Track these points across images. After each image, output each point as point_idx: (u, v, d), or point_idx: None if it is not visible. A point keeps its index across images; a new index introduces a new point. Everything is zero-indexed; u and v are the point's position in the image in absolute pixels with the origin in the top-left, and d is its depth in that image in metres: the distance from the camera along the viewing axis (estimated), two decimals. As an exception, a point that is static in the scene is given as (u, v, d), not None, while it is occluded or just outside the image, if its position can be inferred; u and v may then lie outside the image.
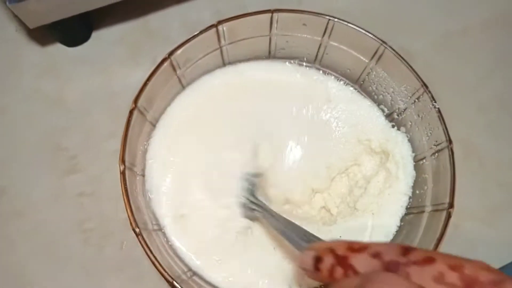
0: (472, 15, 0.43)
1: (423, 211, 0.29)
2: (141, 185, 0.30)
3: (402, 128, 0.33)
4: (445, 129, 0.29)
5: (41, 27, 0.38)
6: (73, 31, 0.39)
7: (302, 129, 0.33)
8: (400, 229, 0.30)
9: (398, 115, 0.33)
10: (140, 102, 0.29)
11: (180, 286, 0.24)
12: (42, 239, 0.34)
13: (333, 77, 0.35)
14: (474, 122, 0.39)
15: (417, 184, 0.31)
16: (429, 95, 0.29)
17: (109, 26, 0.41)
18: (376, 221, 0.30)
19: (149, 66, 0.29)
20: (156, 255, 0.25)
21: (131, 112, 0.28)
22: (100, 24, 0.41)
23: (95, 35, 0.40)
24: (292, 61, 0.35)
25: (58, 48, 0.40)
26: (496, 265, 0.35)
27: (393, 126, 0.33)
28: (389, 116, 0.34)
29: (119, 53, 0.40)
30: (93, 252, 0.34)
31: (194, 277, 0.28)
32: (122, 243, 0.34)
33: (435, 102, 0.29)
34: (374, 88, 0.34)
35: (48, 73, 0.39)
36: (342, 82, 0.35)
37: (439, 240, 0.25)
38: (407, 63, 0.30)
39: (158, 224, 0.30)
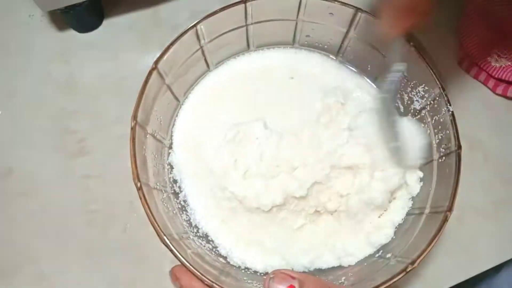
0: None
1: (422, 213, 0.29)
2: (154, 147, 0.31)
3: None
4: (455, 134, 0.28)
5: (53, 13, 0.38)
6: (85, 17, 0.40)
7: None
8: (398, 229, 0.30)
9: (413, 116, 0.32)
10: (161, 65, 0.29)
11: (171, 244, 0.24)
12: (47, 219, 0.34)
13: (356, 73, 0.35)
14: (480, 117, 0.39)
15: (421, 187, 0.31)
16: (445, 98, 0.29)
17: (120, 14, 0.41)
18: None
19: (158, 53, 0.30)
20: (153, 210, 0.25)
21: (150, 72, 0.29)
22: (111, 12, 0.41)
23: (106, 22, 0.41)
24: (320, 51, 0.35)
25: (70, 34, 0.41)
26: (498, 260, 0.35)
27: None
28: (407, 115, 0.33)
29: (129, 40, 0.40)
30: (97, 234, 0.34)
31: (192, 238, 0.29)
32: (125, 225, 0.34)
33: (450, 105, 0.29)
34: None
35: (59, 58, 0.40)
36: (364, 80, 0.35)
37: (432, 240, 0.25)
38: (428, 63, 0.30)
39: (172, 185, 0.31)
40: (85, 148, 0.37)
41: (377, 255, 0.29)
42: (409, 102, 0.33)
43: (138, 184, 0.25)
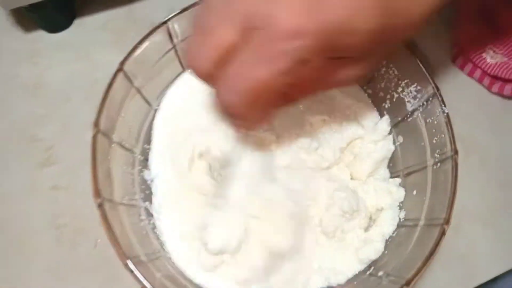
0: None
1: (416, 225, 0.26)
2: (123, 157, 0.28)
3: (400, 137, 0.31)
4: (451, 138, 0.26)
5: (20, 12, 0.36)
6: (54, 16, 0.37)
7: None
8: (390, 242, 0.28)
9: (403, 119, 0.30)
10: (127, 66, 0.27)
11: (135, 267, 0.22)
12: (11, 236, 0.31)
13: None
14: (475, 117, 0.37)
15: (414, 196, 0.28)
16: (440, 98, 0.27)
17: (92, 12, 0.39)
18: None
19: (133, 53, 0.27)
20: (115, 228, 0.23)
21: (115, 74, 0.26)
22: (83, 10, 0.39)
23: (78, 21, 0.39)
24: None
25: (39, 34, 0.38)
26: (497, 269, 0.32)
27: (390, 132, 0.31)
28: (394, 118, 0.31)
29: (102, 39, 0.38)
30: (65, 251, 0.31)
31: (160, 259, 0.26)
32: (96, 240, 0.31)
33: (445, 106, 0.27)
34: (382, 86, 0.31)
35: (27, 59, 0.37)
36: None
37: (428, 258, 0.23)
38: (420, 61, 0.28)
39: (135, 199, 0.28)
40: (52, 157, 0.34)
41: (368, 272, 0.27)
42: (400, 103, 0.31)
43: (98, 201, 0.23)
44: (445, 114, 0.27)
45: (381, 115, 0.32)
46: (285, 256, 0.26)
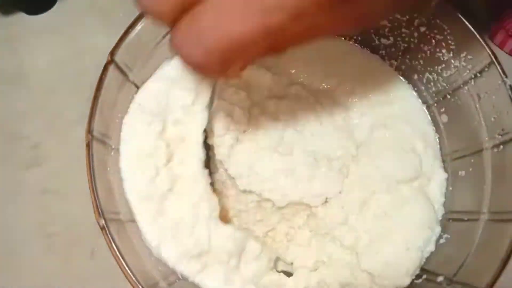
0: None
1: (477, 219, 0.23)
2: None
3: (444, 116, 0.27)
4: None
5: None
6: (34, -5, 0.33)
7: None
8: (438, 238, 0.24)
9: (448, 94, 0.26)
10: (120, 56, 0.23)
11: None
12: (-4, 246, 0.28)
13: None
14: None
15: (464, 183, 0.25)
16: (499, 67, 0.23)
17: (77, -11, 0.35)
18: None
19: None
20: (124, 254, 0.19)
21: (105, 67, 0.22)
22: (67, -12, 0.35)
23: (61, 1, 0.35)
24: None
25: (17, 17, 0.34)
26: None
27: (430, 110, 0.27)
28: (436, 94, 0.27)
29: (89, 22, 0.34)
30: (58, 262, 0.28)
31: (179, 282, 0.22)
32: (92, 250, 0.28)
33: (506, 77, 0.23)
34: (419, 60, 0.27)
35: (6, 46, 0.34)
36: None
37: (505, 261, 0.19)
38: (469, 25, 0.23)
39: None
40: (39, 157, 0.31)
41: (423, 275, 0.23)
42: (442, 75, 0.26)
43: (102, 222, 0.19)
44: (508, 86, 0.22)
45: (418, 90, 0.28)
46: None
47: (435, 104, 0.27)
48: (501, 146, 0.23)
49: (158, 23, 0.16)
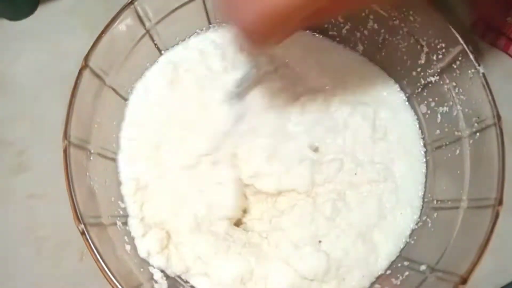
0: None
1: (457, 207, 0.23)
2: (105, 169, 0.25)
3: (423, 107, 0.27)
4: (492, 102, 0.22)
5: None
6: (16, 1, 0.33)
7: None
8: (422, 226, 0.25)
9: (426, 85, 0.26)
10: (95, 61, 0.23)
11: None
12: (-15, 252, 0.28)
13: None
14: (500, 90, 0.32)
15: (445, 172, 0.25)
16: (472, 56, 0.23)
17: (58, -6, 0.34)
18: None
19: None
20: (105, 257, 0.20)
21: (80, 73, 0.22)
22: (48, -8, 0.34)
23: (43, 6, 0.35)
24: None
25: None
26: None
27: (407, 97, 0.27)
28: (414, 85, 0.27)
29: (71, 25, 0.34)
30: (47, 265, 0.28)
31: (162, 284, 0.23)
32: (81, 253, 0.28)
33: (479, 65, 0.23)
34: (396, 53, 0.27)
35: None
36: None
37: (483, 246, 0.20)
38: (441, 15, 0.24)
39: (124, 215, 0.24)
40: (26, 162, 0.31)
41: (405, 263, 0.24)
42: (419, 66, 0.26)
43: (81, 227, 0.19)
44: (481, 74, 0.23)
45: (399, 82, 0.28)
46: None
47: (414, 95, 0.27)
48: (477, 134, 0.23)
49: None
